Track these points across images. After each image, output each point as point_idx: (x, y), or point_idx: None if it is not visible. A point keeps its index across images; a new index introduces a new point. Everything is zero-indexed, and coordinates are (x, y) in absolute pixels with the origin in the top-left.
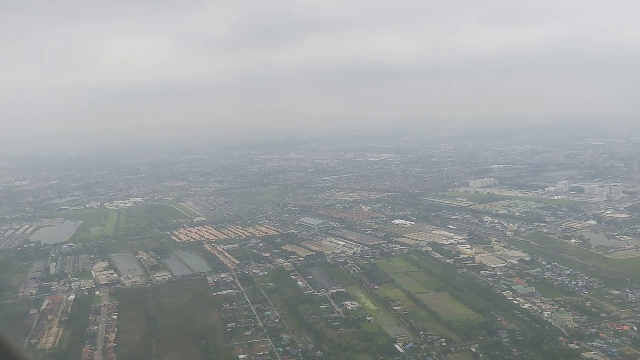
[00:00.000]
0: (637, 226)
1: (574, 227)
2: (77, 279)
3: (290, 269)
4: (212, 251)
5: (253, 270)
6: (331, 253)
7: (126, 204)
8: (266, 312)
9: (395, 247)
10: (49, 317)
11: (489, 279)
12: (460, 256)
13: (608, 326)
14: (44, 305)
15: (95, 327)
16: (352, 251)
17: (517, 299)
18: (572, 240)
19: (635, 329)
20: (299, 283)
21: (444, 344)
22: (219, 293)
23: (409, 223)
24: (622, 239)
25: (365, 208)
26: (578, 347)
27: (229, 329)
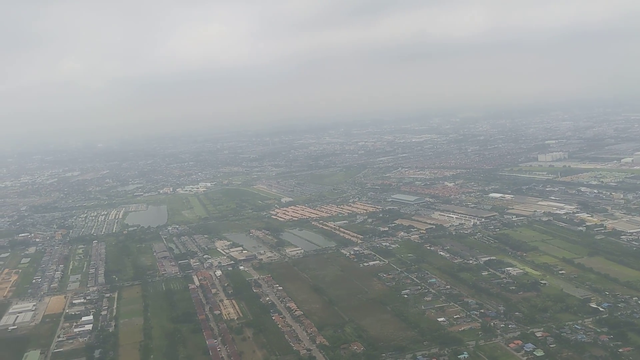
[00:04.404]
0: None
1: None
2: (209, 257)
3: (419, 241)
4: (324, 227)
5: (383, 244)
6: (450, 225)
7: (199, 188)
8: (431, 280)
9: (512, 218)
10: (213, 291)
11: (635, 243)
12: (587, 224)
13: None
14: (197, 281)
15: (268, 298)
16: (471, 223)
17: None
18: None
19: None
20: (441, 253)
21: (639, 301)
22: (366, 264)
23: (507, 196)
24: None
25: (449, 184)
26: None
27: (405, 296)
